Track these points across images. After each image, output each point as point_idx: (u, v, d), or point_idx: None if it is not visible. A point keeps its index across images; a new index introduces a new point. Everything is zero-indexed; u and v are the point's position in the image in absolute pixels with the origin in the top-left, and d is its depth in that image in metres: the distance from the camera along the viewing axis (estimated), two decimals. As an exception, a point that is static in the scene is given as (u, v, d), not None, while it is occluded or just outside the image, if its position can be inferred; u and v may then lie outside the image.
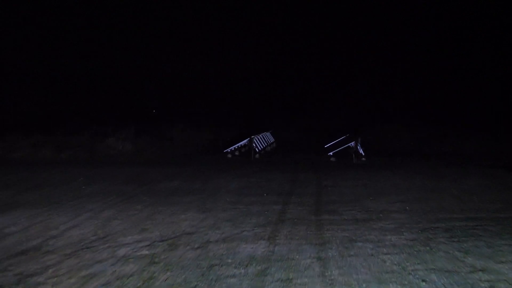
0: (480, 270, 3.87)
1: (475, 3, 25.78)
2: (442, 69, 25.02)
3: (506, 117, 21.85)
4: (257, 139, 16.63)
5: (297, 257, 4.29)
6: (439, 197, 7.90)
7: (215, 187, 8.75)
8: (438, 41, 25.09)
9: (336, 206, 6.99)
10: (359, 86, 25.05)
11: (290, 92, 28.58)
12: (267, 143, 18.82)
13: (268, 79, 29.25)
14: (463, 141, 18.50)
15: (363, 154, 14.14)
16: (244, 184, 9.09)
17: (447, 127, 21.22)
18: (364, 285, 3.54)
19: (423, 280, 3.62)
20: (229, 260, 4.19)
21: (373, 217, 6.26)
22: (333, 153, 14.31)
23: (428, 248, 4.50)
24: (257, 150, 15.13)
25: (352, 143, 15.10)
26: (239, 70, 29.11)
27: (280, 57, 29.00)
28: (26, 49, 24.81)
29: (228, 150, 15.14)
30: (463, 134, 19.13)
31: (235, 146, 16.02)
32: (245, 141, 15.79)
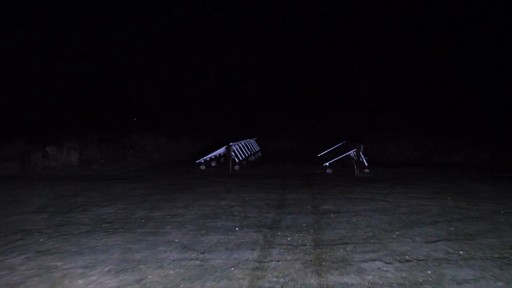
0: None
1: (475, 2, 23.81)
2: (444, 71, 22.86)
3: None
4: (238, 147, 13.94)
5: None
6: (494, 229, 5.32)
7: (166, 215, 6.00)
8: (442, 43, 22.97)
9: (348, 252, 4.32)
10: (358, 87, 22.80)
11: (284, 93, 26.29)
12: (250, 152, 16.14)
13: (261, 81, 26.90)
14: (475, 151, 16.10)
15: (366, 164, 11.56)
16: (210, 211, 6.35)
17: (453, 134, 18.93)
18: None
19: None
20: None
21: (418, 277, 3.60)
22: (329, 164, 11.70)
23: None
24: (236, 160, 12.42)
25: (353, 152, 12.54)
26: (228, 71, 26.74)
27: (275, 57, 26.75)
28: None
29: (202, 160, 12.39)
30: (473, 143, 16.75)
31: (212, 155, 13.29)
32: (222, 149, 13.08)
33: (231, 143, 12.19)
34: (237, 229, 5.25)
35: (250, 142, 17.52)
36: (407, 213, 6.19)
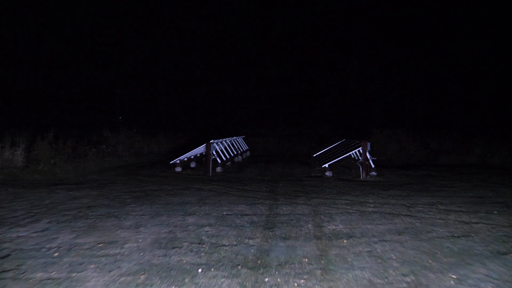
0: None
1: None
2: (449, 66, 21.19)
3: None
4: (222, 146, 11.99)
5: None
6: None
7: (99, 243, 4.02)
8: (447, 35, 21.24)
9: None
10: (356, 84, 21.01)
11: (277, 90, 24.46)
12: (237, 151, 14.20)
13: (255, 77, 25.03)
14: (490, 150, 14.39)
15: (373, 166, 9.72)
16: (168, 234, 4.40)
17: (460, 132, 17.21)
18: None
19: None
20: None
21: None
22: (329, 165, 9.82)
23: None
24: (219, 161, 10.45)
25: (355, 151, 10.68)
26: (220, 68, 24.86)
27: (271, 54, 25.01)
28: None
29: (177, 160, 10.39)
30: (488, 142, 15.03)
31: (190, 154, 11.31)
32: (202, 147, 11.11)
33: (212, 141, 10.23)
34: (200, 270, 3.31)
35: (238, 141, 15.58)
36: (451, 237, 4.32)
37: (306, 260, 3.59)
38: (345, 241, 4.17)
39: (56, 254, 3.67)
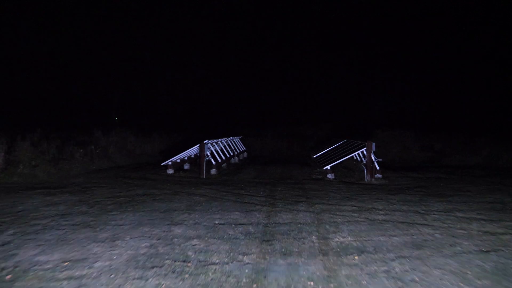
0: None
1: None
2: (450, 64, 20.56)
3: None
4: (218, 147, 11.36)
5: None
6: None
7: (64, 261, 3.39)
8: (450, 30, 20.55)
9: None
10: (355, 80, 20.34)
11: (273, 89, 23.71)
12: (233, 153, 13.57)
13: (251, 76, 24.27)
14: (496, 151, 13.82)
15: (378, 168, 9.11)
16: (148, 249, 3.76)
17: (464, 133, 16.63)
18: None
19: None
20: None
21: None
22: (330, 167, 9.19)
23: None
24: (213, 162, 9.81)
25: (359, 153, 10.05)
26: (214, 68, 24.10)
27: (266, 47, 24.25)
28: None
29: (169, 162, 9.74)
30: (495, 143, 14.43)
31: (184, 155, 10.67)
32: (195, 147, 10.47)
33: (206, 141, 9.60)
34: (181, 299, 2.68)
35: (234, 141, 14.95)
36: (479, 252, 3.71)
37: (312, 283, 2.97)
38: (356, 257, 3.55)
39: (8, 277, 3.03)
